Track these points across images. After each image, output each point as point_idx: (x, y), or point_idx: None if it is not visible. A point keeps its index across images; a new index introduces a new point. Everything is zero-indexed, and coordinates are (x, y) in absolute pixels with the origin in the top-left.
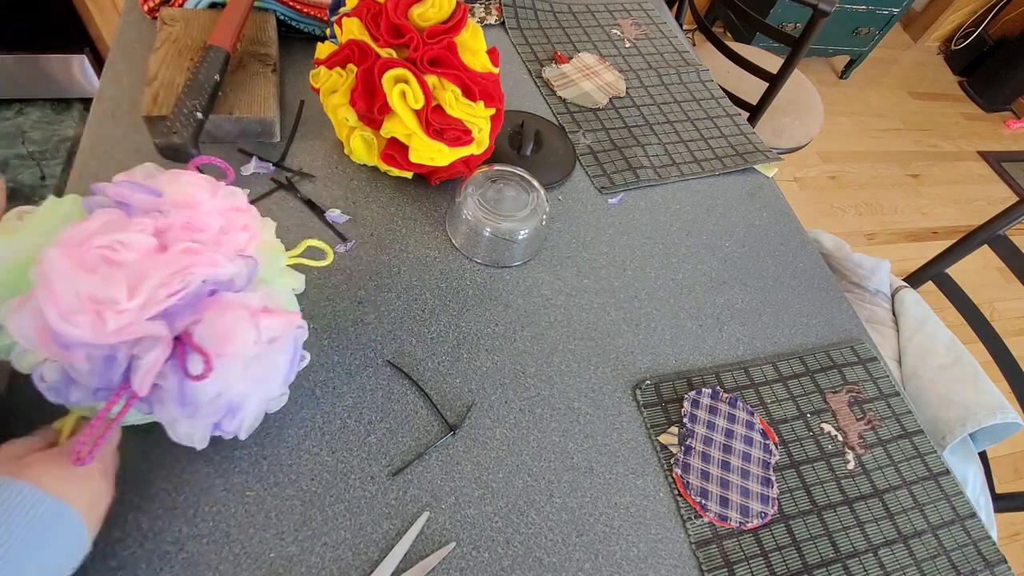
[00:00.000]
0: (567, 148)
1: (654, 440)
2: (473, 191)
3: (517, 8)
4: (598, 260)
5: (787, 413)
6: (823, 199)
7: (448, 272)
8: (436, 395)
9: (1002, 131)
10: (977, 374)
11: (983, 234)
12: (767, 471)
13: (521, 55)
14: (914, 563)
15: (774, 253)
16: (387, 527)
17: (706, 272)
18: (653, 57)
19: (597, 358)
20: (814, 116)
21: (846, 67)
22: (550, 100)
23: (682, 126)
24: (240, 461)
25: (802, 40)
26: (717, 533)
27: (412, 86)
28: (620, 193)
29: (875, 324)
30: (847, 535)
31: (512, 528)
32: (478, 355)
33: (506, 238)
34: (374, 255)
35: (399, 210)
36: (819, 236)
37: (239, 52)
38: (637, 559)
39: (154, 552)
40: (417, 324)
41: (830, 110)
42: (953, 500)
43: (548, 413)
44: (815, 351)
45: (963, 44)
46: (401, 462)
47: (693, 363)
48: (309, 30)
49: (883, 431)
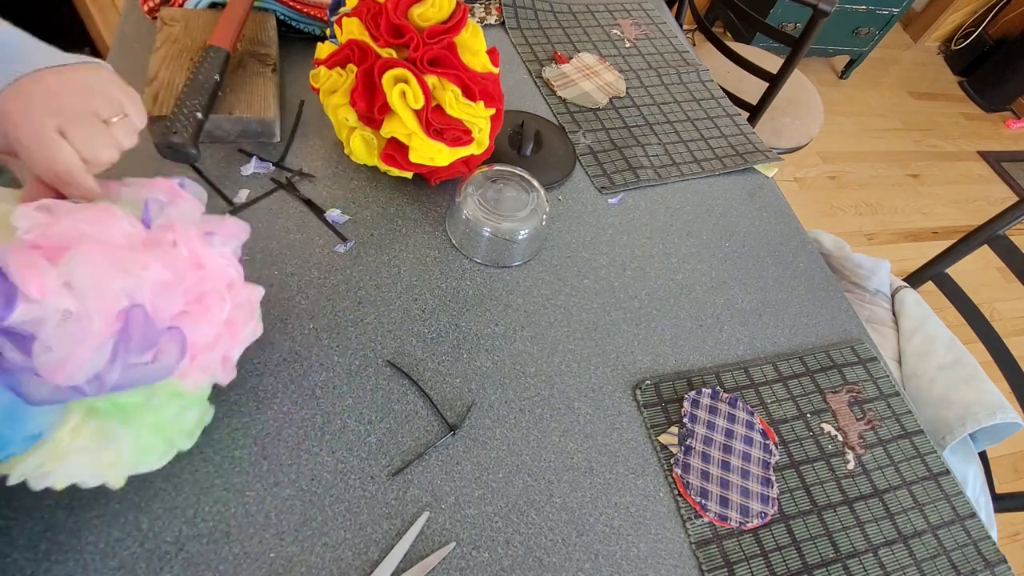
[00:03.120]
0: (567, 148)
1: (654, 440)
2: (473, 191)
3: (517, 8)
4: (598, 260)
5: (787, 413)
6: (823, 199)
7: (448, 272)
8: (436, 395)
9: (1002, 131)
10: (977, 374)
11: (983, 234)
12: (767, 471)
13: (521, 55)
14: (914, 563)
15: (774, 253)
16: (387, 527)
17: (706, 272)
18: (653, 57)
19: (597, 358)
20: (814, 116)
21: (846, 67)
22: (550, 100)
23: (682, 126)
24: (240, 461)
25: (802, 40)
26: (717, 533)
27: (412, 86)
28: (620, 193)
29: (875, 324)
30: (847, 535)
31: (512, 528)
32: (478, 355)
33: (506, 238)
34: (374, 255)
35: (399, 210)
36: (819, 236)
37: (239, 52)
38: (637, 559)
39: (154, 552)
40: (417, 324)
41: (830, 110)
42: (953, 500)
43: (548, 413)
44: (815, 351)
45: (963, 44)
46: (401, 462)
47: (693, 363)
48: (309, 30)
49: (883, 431)
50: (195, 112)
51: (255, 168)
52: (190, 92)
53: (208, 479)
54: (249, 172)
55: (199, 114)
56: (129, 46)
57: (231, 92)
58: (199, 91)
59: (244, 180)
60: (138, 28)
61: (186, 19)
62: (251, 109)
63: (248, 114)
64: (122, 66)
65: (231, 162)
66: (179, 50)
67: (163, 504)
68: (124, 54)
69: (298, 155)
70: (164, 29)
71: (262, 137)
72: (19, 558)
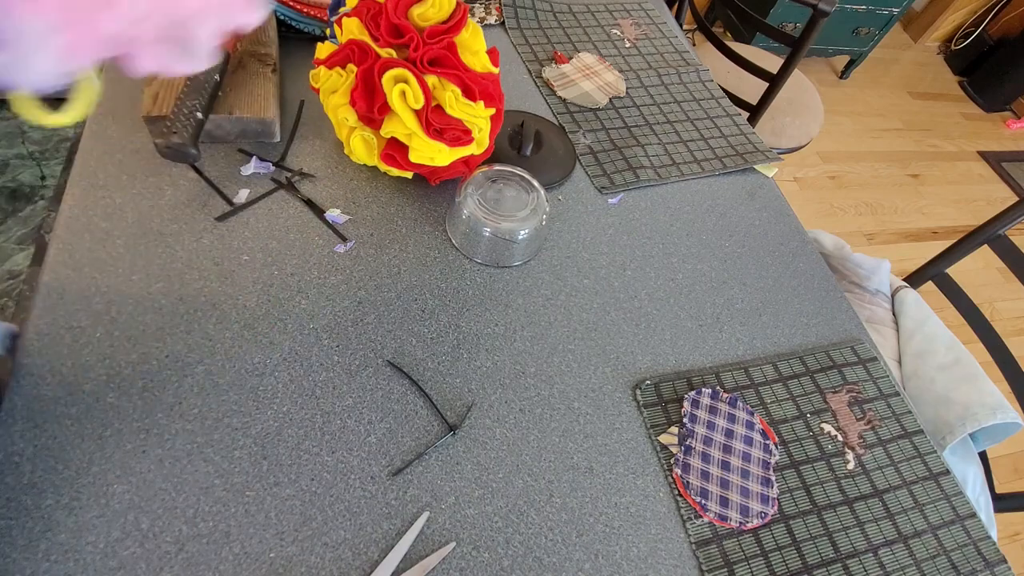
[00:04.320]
0: (567, 148)
1: (654, 440)
2: (473, 191)
3: (517, 8)
4: (598, 260)
5: (787, 413)
6: (823, 199)
7: (448, 272)
8: (436, 395)
9: (1002, 131)
10: (977, 374)
11: (983, 234)
12: (767, 471)
13: (521, 55)
14: (914, 563)
15: (774, 253)
16: (387, 527)
17: (706, 272)
18: (653, 57)
19: (597, 358)
20: (814, 116)
21: (846, 67)
22: (550, 100)
23: (682, 126)
24: (240, 461)
25: (802, 40)
26: (717, 533)
27: (412, 86)
28: (620, 193)
29: (875, 324)
30: (847, 535)
31: (512, 528)
32: (478, 355)
33: (506, 238)
34: (374, 255)
35: (399, 210)
36: (819, 236)
37: (239, 52)
38: (637, 559)
39: (154, 552)
40: (417, 324)
41: (830, 110)
42: (953, 500)
43: (548, 413)
44: (815, 351)
45: (963, 44)
46: (401, 462)
47: (693, 363)
48: (309, 30)
49: (883, 431)
50: (195, 112)
51: (255, 168)
52: (190, 92)
53: (208, 479)
54: (249, 172)
55: (199, 114)
56: None
57: (231, 92)
58: (199, 91)
59: (244, 180)
60: None
61: None
62: (251, 109)
63: (248, 114)
64: None
65: (231, 162)
66: None
67: (163, 504)
68: None
69: (298, 155)
70: None
71: (262, 137)
72: (19, 558)
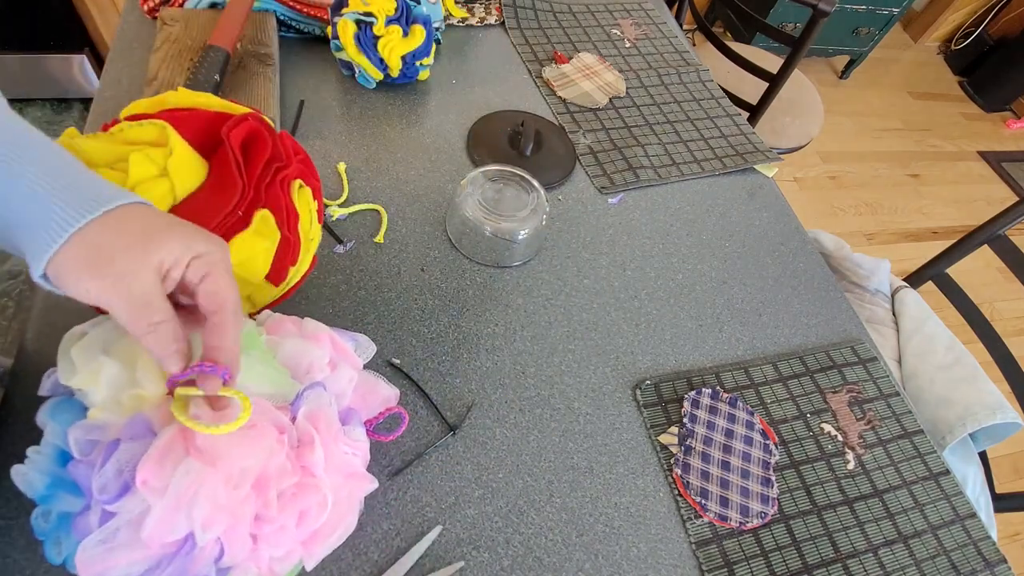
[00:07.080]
0: (567, 148)
1: (654, 440)
2: (473, 191)
3: (517, 8)
4: (598, 260)
5: (787, 413)
6: (823, 199)
7: (448, 272)
8: (436, 395)
9: (1002, 131)
10: (977, 374)
11: (983, 234)
12: (767, 471)
13: (521, 55)
14: (914, 563)
15: (774, 253)
16: (387, 527)
17: (706, 272)
18: (653, 57)
19: (597, 358)
20: (814, 116)
21: (846, 67)
22: (550, 100)
23: (682, 126)
24: None
25: (802, 40)
26: (717, 533)
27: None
28: (620, 193)
29: (875, 324)
30: (847, 535)
31: (512, 528)
32: (478, 355)
33: (506, 238)
34: (374, 255)
35: (399, 210)
36: (819, 236)
37: (239, 52)
38: (637, 559)
39: None
40: (417, 324)
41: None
42: (953, 500)
43: (548, 413)
44: (815, 351)
45: (963, 44)
46: (401, 462)
47: (693, 363)
48: (309, 30)
49: (883, 431)
50: None
51: None
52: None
53: None
54: None
55: None
56: (129, 46)
57: (231, 92)
58: (199, 91)
59: None
60: (138, 28)
61: (186, 19)
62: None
63: None
64: (122, 66)
65: None
66: (179, 50)
67: None
68: (124, 54)
69: None
70: (164, 29)
71: None
72: (19, 558)
